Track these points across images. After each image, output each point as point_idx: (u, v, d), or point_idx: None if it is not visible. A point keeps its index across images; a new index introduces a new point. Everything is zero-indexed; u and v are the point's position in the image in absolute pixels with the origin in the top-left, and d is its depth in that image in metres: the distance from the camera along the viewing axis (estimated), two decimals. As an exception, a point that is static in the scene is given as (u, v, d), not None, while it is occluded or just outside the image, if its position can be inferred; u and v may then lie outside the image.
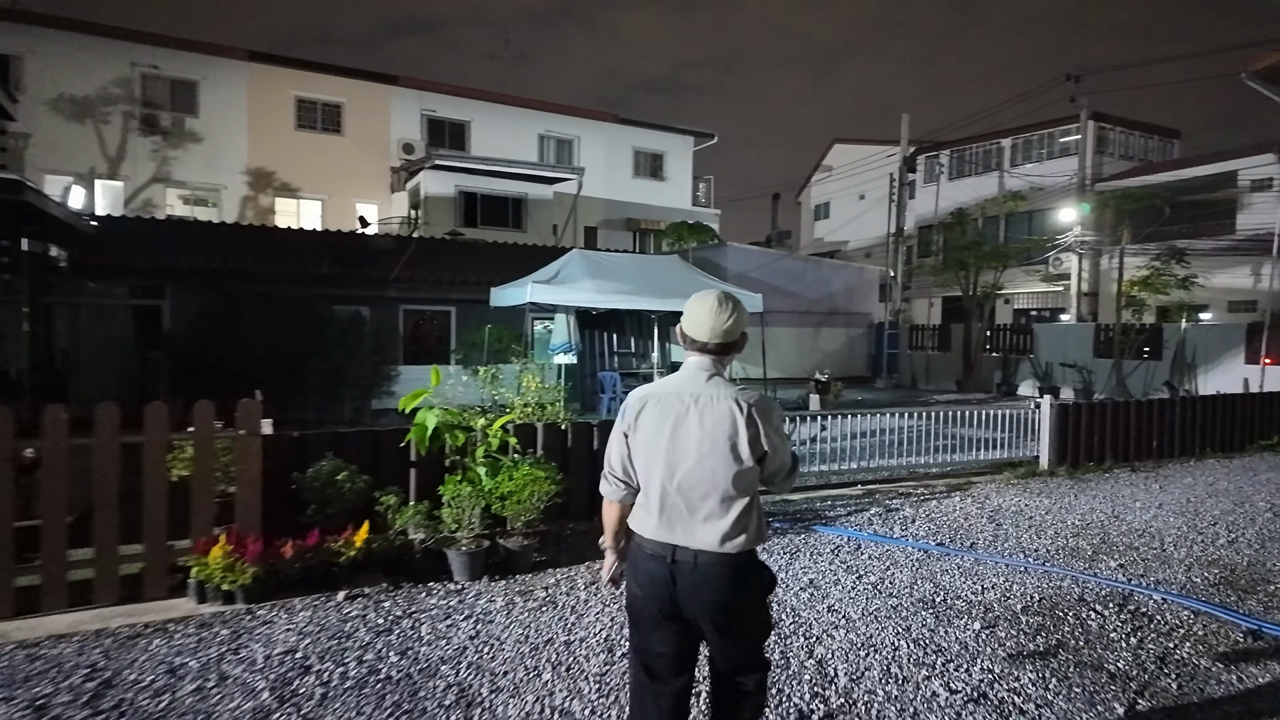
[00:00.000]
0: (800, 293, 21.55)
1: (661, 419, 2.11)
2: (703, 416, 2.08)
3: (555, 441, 5.57)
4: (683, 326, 2.22)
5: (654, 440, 2.11)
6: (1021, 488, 7.49)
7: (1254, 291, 21.42)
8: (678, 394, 2.14)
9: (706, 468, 2.06)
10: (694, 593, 2.05)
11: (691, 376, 2.16)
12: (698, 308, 2.18)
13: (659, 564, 2.08)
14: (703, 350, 2.18)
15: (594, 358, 13.87)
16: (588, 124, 26.27)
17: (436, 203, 20.46)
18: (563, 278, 10.72)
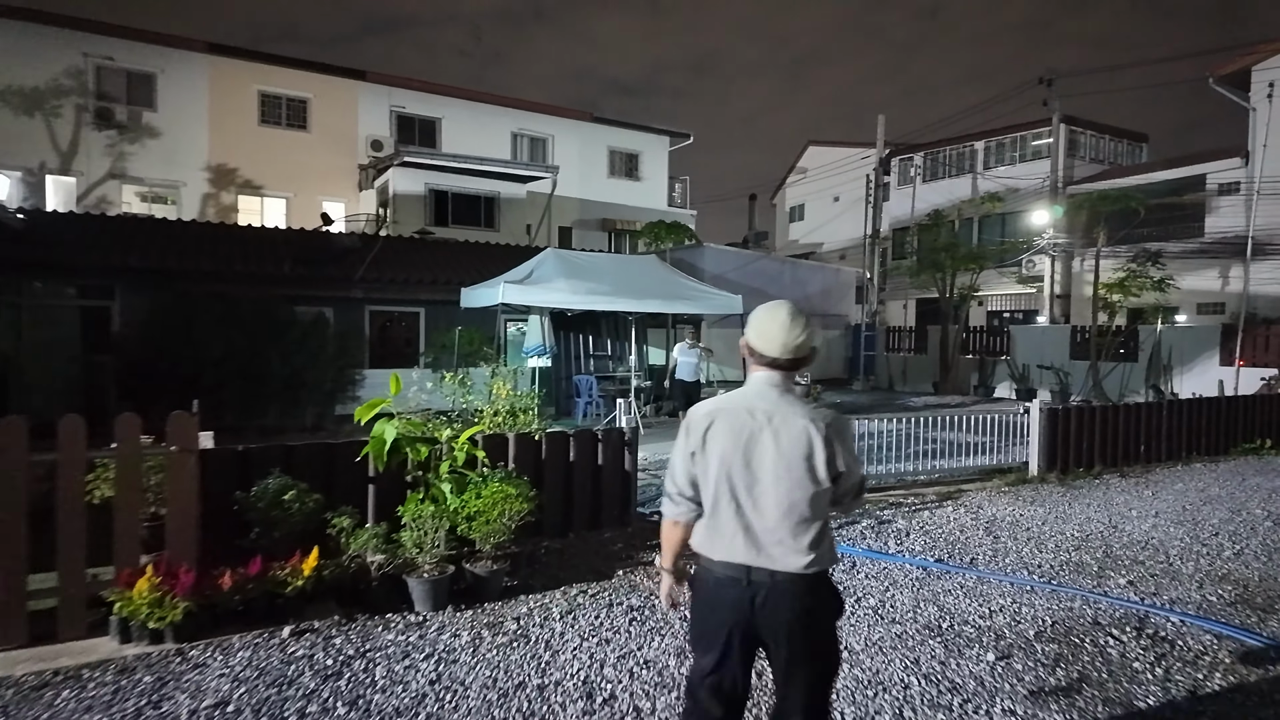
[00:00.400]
0: (778, 294, 20.99)
1: (734, 438, 2.05)
2: (777, 436, 2.03)
3: (528, 454, 5.16)
4: (750, 341, 2.13)
5: (725, 460, 2.05)
6: (1013, 496, 7.23)
7: (1222, 294, 21.64)
8: (748, 411, 2.06)
9: (783, 489, 2.01)
10: (772, 614, 2.01)
11: (761, 393, 2.09)
12: (768, 322, 2.10)
13: (734, 586, 2.03)
14: (773, 366, 2.10)
15: (569, 361, 13.45)
16: (562, 122, 25.83)
17: (406, 201, 19.89)
18: (537, 278, 10.29)
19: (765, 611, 2.01)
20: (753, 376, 2.16)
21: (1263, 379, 14.39)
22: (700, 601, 2.13)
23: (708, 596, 2.10)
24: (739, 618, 2.03)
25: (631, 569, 4.74)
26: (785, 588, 2.01)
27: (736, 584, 2.03)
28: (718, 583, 2.06)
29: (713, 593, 2.08)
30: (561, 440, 5.38)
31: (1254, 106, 21.41)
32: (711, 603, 2.09)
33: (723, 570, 2.05)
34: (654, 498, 6.88)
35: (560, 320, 12.93)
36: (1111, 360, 17.03)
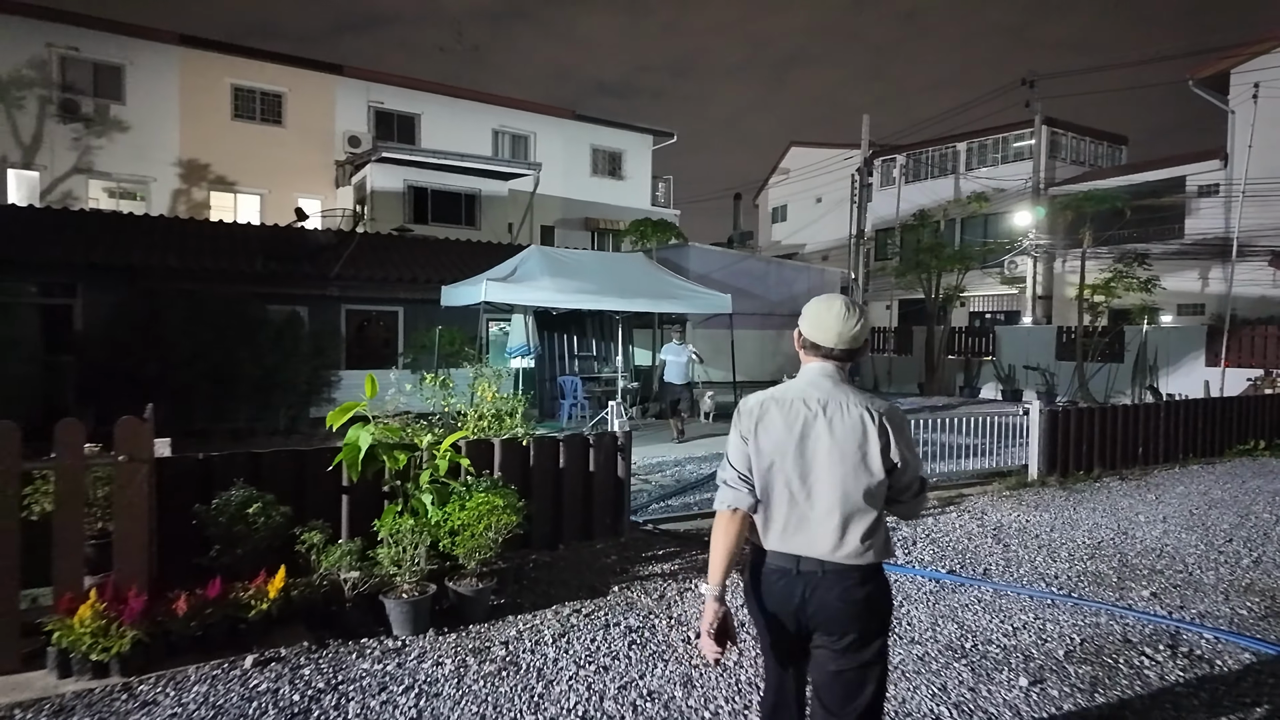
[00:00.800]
0: (763, 294, 21.09)
1: (787, 426, 2.03)
2: (832, 425, 2.01)
3: (515, 461, 4.82)
4: (804, 331, 2.13)
5: (778, 449, 2.03)
6: (1016, 500, 7.01)
7: (1202, 295, 21.76)
8: (803, 400, 2.05)
9: (836, 478, 1.99)
10: (820, 604, 1.98)
11: (815, 382, 2.08)
12: (823, 312, 2.10)
13: (784, 576, 2.02)
14: (827, 356, 2.09)
15: (554, 361, 13.10)
16: (544, 120, 25.45)
17: (384, 198, 19.42)
18: (520, 275, 9.94)
19: (816, 602, 1.97)
20: (806, 367, 2.13)
21: (1249, 379, 14.38)
22: (753, 596, 2.11)
23: (760, 584, 2.08)
24: (787, 608, 2.01)
25: (628, 584, 4.42)
26: (835, 579, 1.97)
27: (786, 574, 2.01)
28: (770, 572, 2.05)
29: (766, 581, 2.06)
30: (550, 446, 5.04)
31: (1233, 109, 21.55)
32: (766, 590, 2.06)
33: (773, 559, 2.04)
34: (645, 504, 6.57)
35: (544, 320, 12.58)
36: (1097, 361, 16.99)
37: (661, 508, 6.54)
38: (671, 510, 6.43)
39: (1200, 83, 22.40)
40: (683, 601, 4.11)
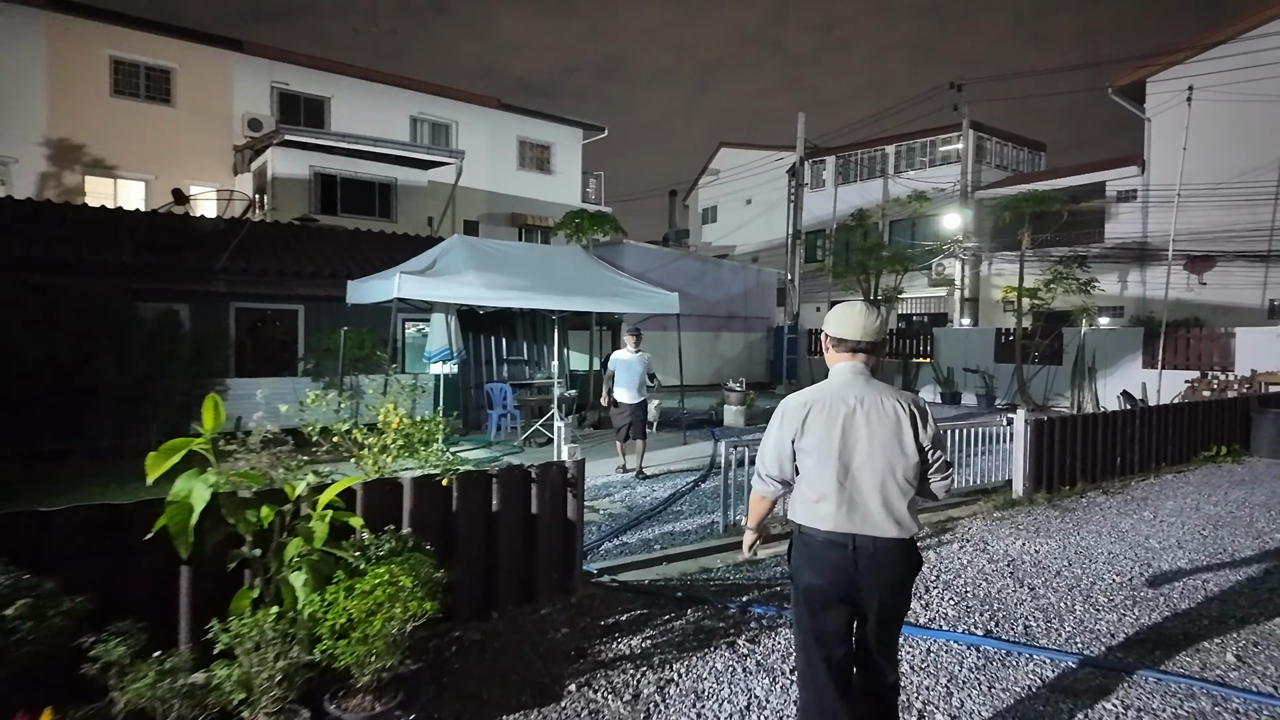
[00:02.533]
0: (700, 295, 20.25)
1: (830, 423, 2.30)
2: (869, 418, 2.30)
3: (433, 508, 3.61)
4: (831, 331, 2.41)
5: (824, 442, 2.29)
6: (1011, 524, 6.21)
7: (1121, 298, 22.21)
8: (841, 398, 2.32)
9: (879, 463, 2.28)
10: (874, 574, 2.27)
11: (849, 381, 2.35)
12: (849, 311, 2.41)
13: (839, 551, 2.28)
14: (855, 351, 2.37)
15: (480, 367, 11.78)
16: (467, 109, 23.93)
17: (287, 186, 17.57)
18: (441, 269, 8.63)
19: (869, 573, 2.27)
20: (837, 368, 2.40)
21: (1186, 381, 14.38)
22: (807, 569, 2.34)
23: (814, 564, 2.32)
24: (842, 579, 2.29)
25: (588, 676, 3.27)
26: (885, 553, 2.28)
27: (841, 549, 2.28)
28: (823, 547, 2.30)
29: (819, 559, 2.31)
30: (480, 484, 3.85)
31: (1150, 117, 22.05)
32: (819, 569, 2.31)
33: (828, 538, 2.29)
34: (596, 544, 5.43)
35: (470, 319, 11.25)
36: (1036, 363, 16.84)
37: (617, 548, 5.42)
38: (629, 550, 5.32)
39: (1119, 91, 22.87)
40: (666, 706, 3.00)
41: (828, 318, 2.43)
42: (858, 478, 2.25)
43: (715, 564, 4.90)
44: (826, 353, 2.44)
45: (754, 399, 13.87)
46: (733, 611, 4.01)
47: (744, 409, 12.78)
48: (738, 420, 12.61)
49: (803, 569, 2.33)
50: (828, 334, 2.41)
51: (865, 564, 2.24)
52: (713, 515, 6.24)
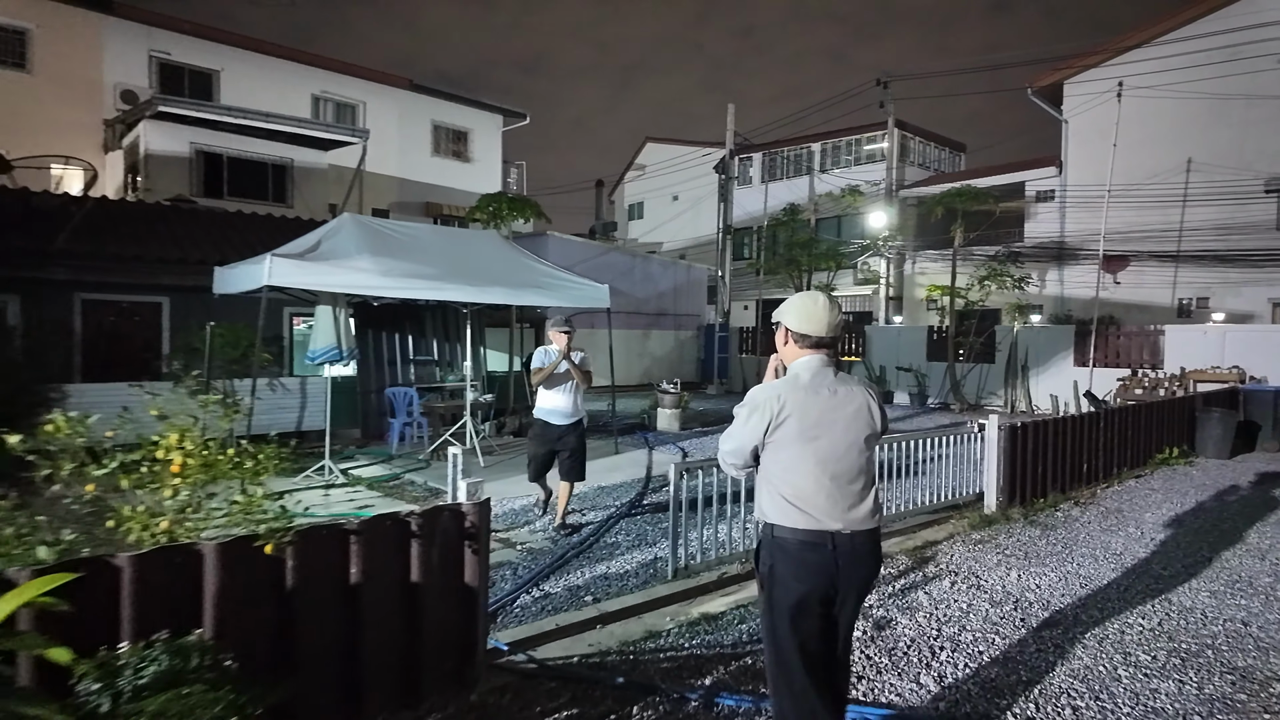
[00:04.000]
0: (628, 291, 19.21)
1: (805, 413, 2.22)
2: (845, 407, 2.26)
3: (253, 591, 2.37)
4: (793, 327, 2.32)
5: (802, 434, 2.21)
6: (995, 548, 5.40)
7: (1040, 297, 22.44)
8: (814, 389, 2.26)
9: (855, 454, 2.25)
10: (853, 569, 2.21)
11: (819, 372, 2.29)
12: (810, 306, 2.33)
13: (819, 552, 2.18)
14: (818, 346, 2.31)
15: (383, 368, 10.36)
16: (376, 89, 22.16)
17: (164, 164, 15.51)
18: (326, 252, 7.26)
19: (849, 569, 2.19)
20: (801, 362, 2.31)
21: (1119, 380, 14.27)
22: (787, 574, 2.20)
23: (793, 567, 2.19)
24: (823, 580, 2.17)
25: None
26: (863, 547, 2.23)
27: (820, 548, 2.18)
28: (800, 549, 2.18)
29: (797, 561, 2.18)
30: (332, 546, 2.65)
31: (1067, 119, 22.34)
32: (799, 572, 2.18)
33: (807, 538, 2.18)
34: (508, 597, 4.27)
35: (368, 313, 9.84)
36: (969, 361, 16.56)
37: (537, 601, 4.26)
38: (553, 604, 4.16)
39: (1038, 92, 23.12)
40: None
41: (785, 310, 2.37)
42: (837, 472, 2.22)
43: (664, 623, 3.82)
44: (784, 347, 2.37)
45: (689, 401, 12.93)
46: (694, 705, 2.95)
47: (679, 412, 11.81)
48: (672, 424, 11.63)
49: (779, 575, 2.22)
50: (789, 328, 2.34)
51: (845, 562, 2.18)
52: (655, 548, 5.17)
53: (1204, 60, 18.66)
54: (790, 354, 2.34)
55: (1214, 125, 19.08)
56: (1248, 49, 18.48)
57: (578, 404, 5.73)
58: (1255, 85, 18.21)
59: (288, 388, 9.77)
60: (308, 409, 9.72)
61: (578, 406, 5.73)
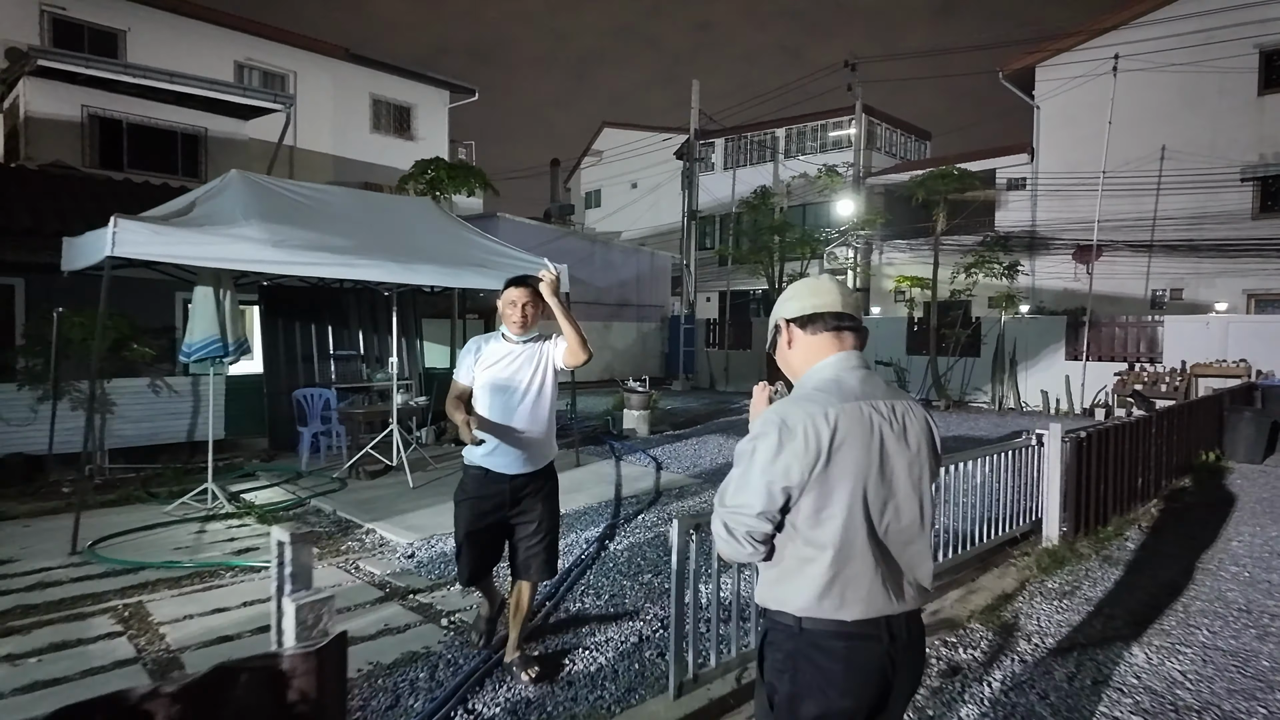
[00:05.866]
0: (588, 279, 17.69)
1: (864, 444, 1.47)
2: (907, 433, 1.54)
3: None
4: (804, 309, 1.62)
5: (860, 475, 1.46)
6: (1082, 600, 4.08)
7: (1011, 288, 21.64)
8: (870, 401, 1.51)
9: (916, 500, 1.53)
10: (909, 666, 1.53)
11: (865, 376, 1.56)
12: (816, 283, 1.68)
13: (870, 649, 1.47)
14: (839, 330, 1.61)
15: (294, 365, 8.66)
16: (308, 58, 20.14)
17: (50, 129, 13.39)
18: (202, 217, 5.58)
19: (904, 669, 1.51)
20: (832, 360, 1.58)
21: (1116, 374, 13.31)
22: (813, 685, 1.46)
23: (828, 675, 1.45)
24: (874, 688, 1.47)
25: None
26: (916, 630, 1.55)
27: (872, 644, 1.47)
28: (847, 649, 1.46)
29: (838, 667, 1.45)
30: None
31: (1039, 104, 21.57)
32: (838, 683, 1.44)
33: (855, 630, 1.47)
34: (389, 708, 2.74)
35: (276, 298, 8.15)
36: (953, 355, 15.49)
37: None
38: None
39: (1009, 77, 22.32)
40: None
41: (792, 294, 1.66)
42: (899, 525, 1.50)
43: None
44: (789, 351, 1.65)
45: (658, 400, 11.51)
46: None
47: (647, 413, 10.36)
48: (640, 427, 10.17)
49: (805, 691, 1.46)
50: (791, 318, 1.63)
51: (902, 658, 1.49)
52: (640, 621, 3.70)
53: (1178, 45, 17.97)
54: (801, 356, 1.64)
55: (1188, 112, 18.42)
56: (1221, 33, 17.84)
57: (545, 430, 3.10)
58: (1229, 71, 17.58)
59: (175, 390, 8.02)
60: (203, 415, 8.00)
61: (545, 436, 3.11)
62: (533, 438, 3.04)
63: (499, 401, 3.01)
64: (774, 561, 1.52)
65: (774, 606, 1.53)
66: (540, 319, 3.07)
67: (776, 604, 1.53)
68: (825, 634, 1.48)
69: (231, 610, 3.86)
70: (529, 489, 3.06)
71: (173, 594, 4.12)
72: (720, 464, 8.16)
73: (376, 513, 5.73)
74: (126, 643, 3.47)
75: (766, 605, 1.56)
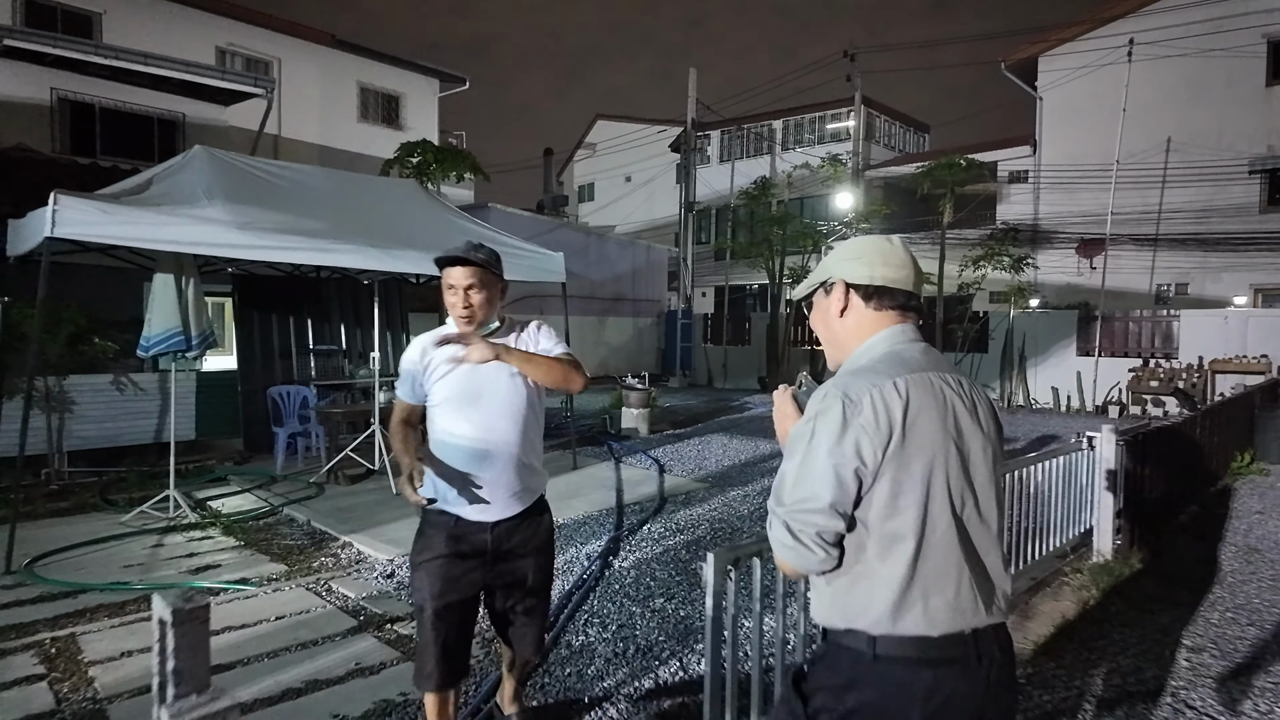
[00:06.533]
0: (582, 273, 17.11)
1: (940, 422, 1.25)
2: (978, 408, 1.33)
3: None
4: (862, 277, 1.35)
5: (935, 459, 1.23)
6: (1155, 629, 3.58)
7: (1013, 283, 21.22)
8: (943, 378, 1.29)
9: (994, 489, 1.30)
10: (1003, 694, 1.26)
11: (925, 349, 1.34)
12: (893, 251, 1.37)
13: (958, 671, 1.20)
14: (905, 309, 1.37)
15: (270, 360, 8.08)
16: (293, 44, 19.50)
17: (16, 113, 12.74)
18: (160, 195, 5.01)
19: (997, 694, 1.24)
20: (882, 335, 1.34)
21: (1130, 371, 12.86)
22: None
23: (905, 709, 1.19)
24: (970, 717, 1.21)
25: None
26: (1008, 655, 1.28)
27: (961, 665, 1.21)
28: (934, 676, 1.19)
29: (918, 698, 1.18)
30: None
31: (1042, 95, 21.15)
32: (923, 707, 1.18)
33: (939, 651, 1.20)
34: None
35: (251, 288, 7.58)
36: (960, 351, 15.01)
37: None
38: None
39: (1011, 68, 21.88)
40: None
41: (854, 258, 1.36)
42: (971, 521, 1.25)
43: None
44: (843, 314, 1.37)
45: (657, 398, 10.98)
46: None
47: (647, 411, 9.83)
48: (640, 426, 9.64)
49: None
50: (856, 284, 1.35)
51: (996, 678, 1.23)
52: (659, 661, 3.17)
53: (1185, 34, 17.54)
54: (853, 330, 1.36)
55: (1195, 103, 18.00)
56: (1229, 21, 17.42)
57: (532, 452, 2.29)
58: (1237, 61, 17.17)
59: (142, 387, 7.44)
60: (173, 415, 7.42)
61: (532, 460, 2.29)
62: (516, 465, 2.19)
63: (465, 422, 2.15)
64: (841, 569, 1.25)
65: (840, 624, 1.27)
66: (500, 303, 2.24)
67: (844, 620, 1.26)
68: (906, 661, 1.21)
69: (178, 645, 3.31)
70: (517, 538, 2.23)
71: (113, 623, 3.57)
72: (727, 466, 7.64)
73: (354, 523, 5.19)
74: (46, 689, 2.92)
75: (831, 624, 1.28)
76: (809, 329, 16.98)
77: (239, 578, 4.19)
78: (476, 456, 2.15)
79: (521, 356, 2.10)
